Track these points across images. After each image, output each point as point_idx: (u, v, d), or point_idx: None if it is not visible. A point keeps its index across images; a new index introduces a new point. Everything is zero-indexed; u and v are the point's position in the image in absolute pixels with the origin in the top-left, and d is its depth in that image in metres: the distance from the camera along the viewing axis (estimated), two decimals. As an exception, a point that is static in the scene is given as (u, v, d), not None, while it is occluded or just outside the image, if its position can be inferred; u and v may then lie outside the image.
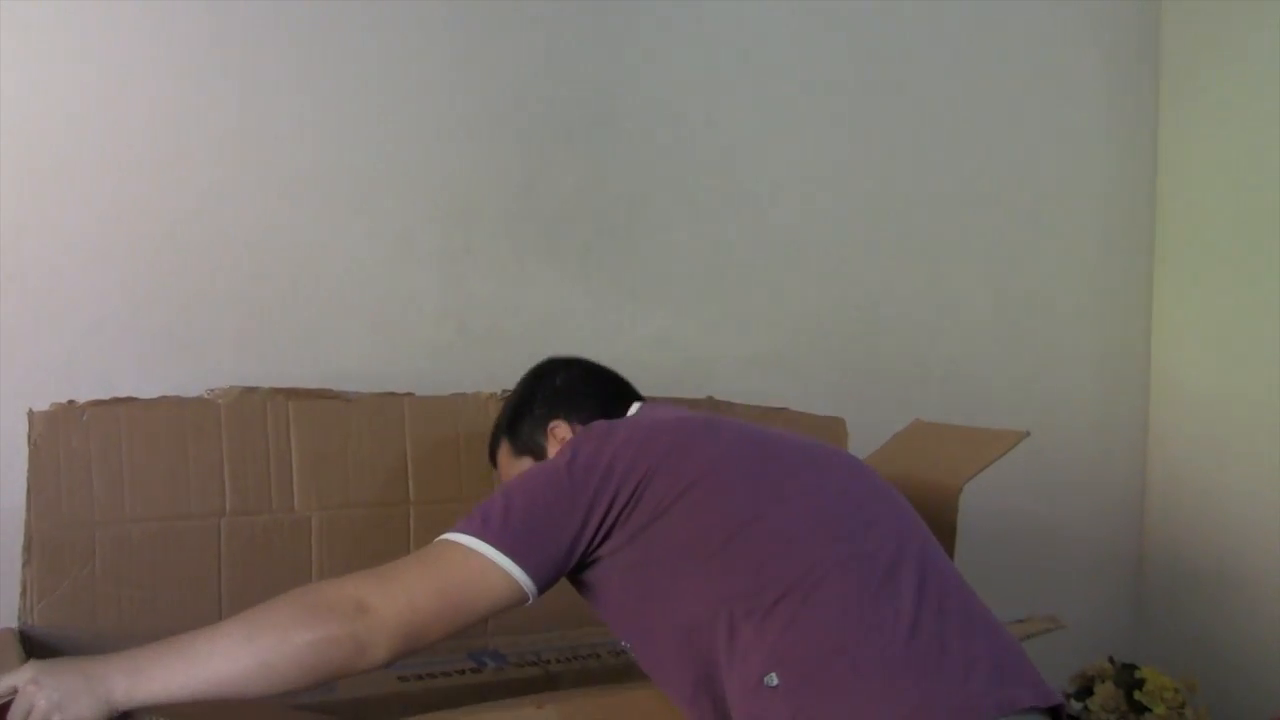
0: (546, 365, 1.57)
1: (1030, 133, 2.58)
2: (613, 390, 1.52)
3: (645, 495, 1.22)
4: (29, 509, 1.56)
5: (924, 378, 2.47)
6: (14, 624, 1.55)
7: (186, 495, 1.63)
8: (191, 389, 1.69)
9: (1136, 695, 2.33)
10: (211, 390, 1.70)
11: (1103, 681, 2.37)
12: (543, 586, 1.22)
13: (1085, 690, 2.40)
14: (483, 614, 1.19)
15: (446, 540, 1.21)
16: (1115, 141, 2.69)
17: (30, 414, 1.57)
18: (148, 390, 1.66)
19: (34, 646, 1.48)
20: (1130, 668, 2.39)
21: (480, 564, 1.18)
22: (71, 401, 1.60)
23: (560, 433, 1.47)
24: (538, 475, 1.27)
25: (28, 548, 1.55)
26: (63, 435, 1.57)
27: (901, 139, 2.42)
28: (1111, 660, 2.43)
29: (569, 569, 1.25)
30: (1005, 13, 2.52)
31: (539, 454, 1.47)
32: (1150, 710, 2.31)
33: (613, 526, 1.23)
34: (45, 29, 1.70)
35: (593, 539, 1.23)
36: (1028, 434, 1.88)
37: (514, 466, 1.50)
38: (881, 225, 2.41)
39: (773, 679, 1.10)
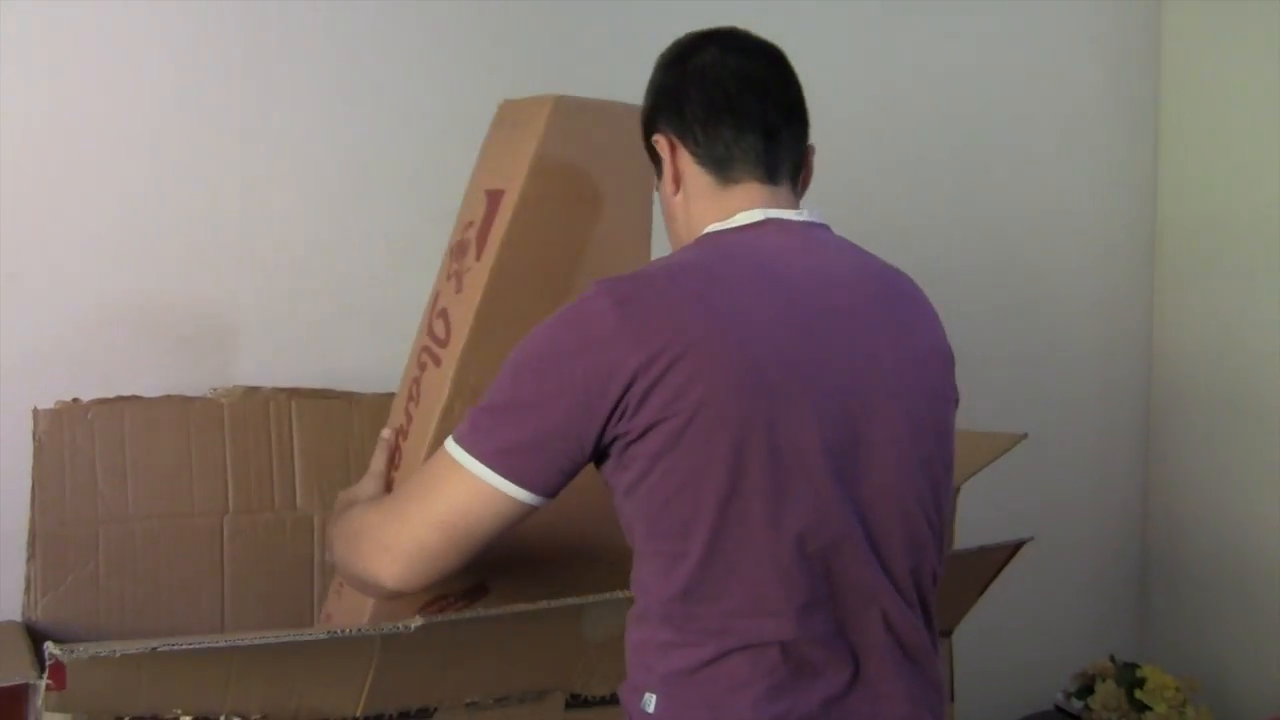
0: (673, 46, 1.28)
1: (1030, 132, 2.58)
2: (739, 144, 1.18)
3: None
4: (33, 505, 1.57)
5: (924, 378, 2.48)
6: (17, 618, 1.56)
7: (189, 493, 1.65)
8: (195, 388, 1.71)
9: (1137, 694, 2.33)
10: (215, 389, 1.72)
11: (1104, 680, 2.38)
12: (554, 494, 1.11)
13: (1086, 689, 2.40)
14: (494, 536, 1.11)
15: (447, 456, 1.11)
16: (1115, 142, 2.69)
17: (35, 412, 1.59)
18: (151, 389, 1.67)
19: (38, 640, 1.49)
20: (1131, 666, 2.39)
21: (478, 488, 1.08)
22: (76, 400, 1.61)
23: (661, 150, 1.20)
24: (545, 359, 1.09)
25: (32, 543, 1.56)
26: (67, 433, 1.59)
27: (901, 138, 2.42)
28: (1112, 659, 2.43)
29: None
30: (1005, 13, 2.53)
31: (656, 168, 1.23)
32: (1151, 709, 2.32)
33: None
34: (46, 29, 1.71)
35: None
36: (1025, 436, 1.88)
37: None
38: (880, 224, 2.41)
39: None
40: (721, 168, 1.18)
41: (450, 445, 1.11)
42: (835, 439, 1.08)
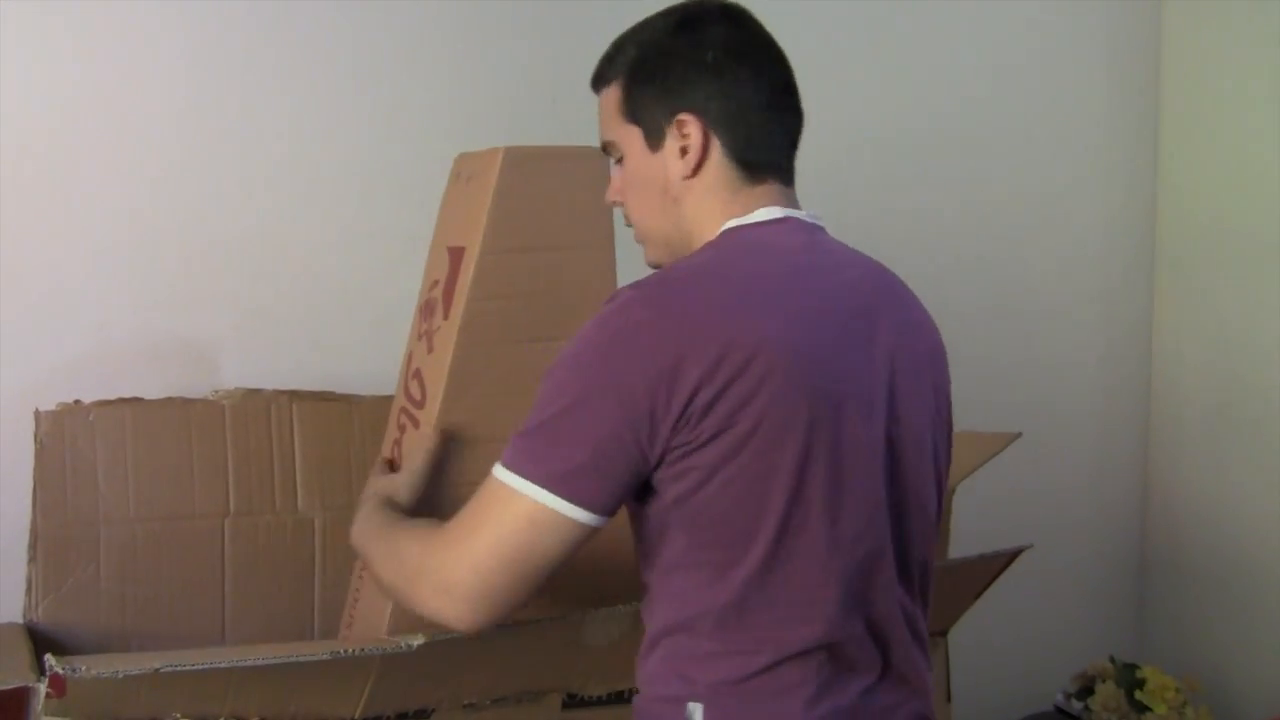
0: (701, 12, 1.16)
1: (1030, 133, 2.57)
2: (770, 145, 1.16)
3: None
4: (35, 507, 1.58)
5: (925, 378, 2.47)
6: (19, 620, 1.57)
7: (191, 495, 1.65)
8: (196, 390, 1.71)
9: (1137, 695, 2.33)
10: (216, 391, 1.72)
11: (1103, 681, 2.38)
12: (613, 512, 1.06)
13: (1086, 690, 2.40)
14: (559, 564, 1.05)
15: (499, 485, 1.05)
16: (1115, 142, 2.69)
17: (37, 414, 1.59)
18: (153, 391, 1.67)
19: (39, 642, 1.50)
20: (1131, 667, 2.39)
21: (538, 515, 1.03)
22: (77, 401, 1.62)
23: (688, 132, 1.12)
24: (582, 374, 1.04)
25: (33, 545, 1.57)
26: (69, 435, 1.60)
27: (901, 138, 2.42)
28: (1112, 660, 2.43)
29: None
30: (1005, 13, 2.52)
31: (652, 137, 1.14)
32: (1151, 710, 2.32)
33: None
34: (47, 30, 1.71)
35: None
36: (1019, 435, 1.89)
37: (615, 126, 1.17)
38: (879, 224, 2.41)
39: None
40: (753, 166, 1.15)
41: (501, 473, 1.05)
42: (879, 441, 1.09)
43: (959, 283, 2.51)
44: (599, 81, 1.20)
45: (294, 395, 1.74)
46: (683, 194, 1.14)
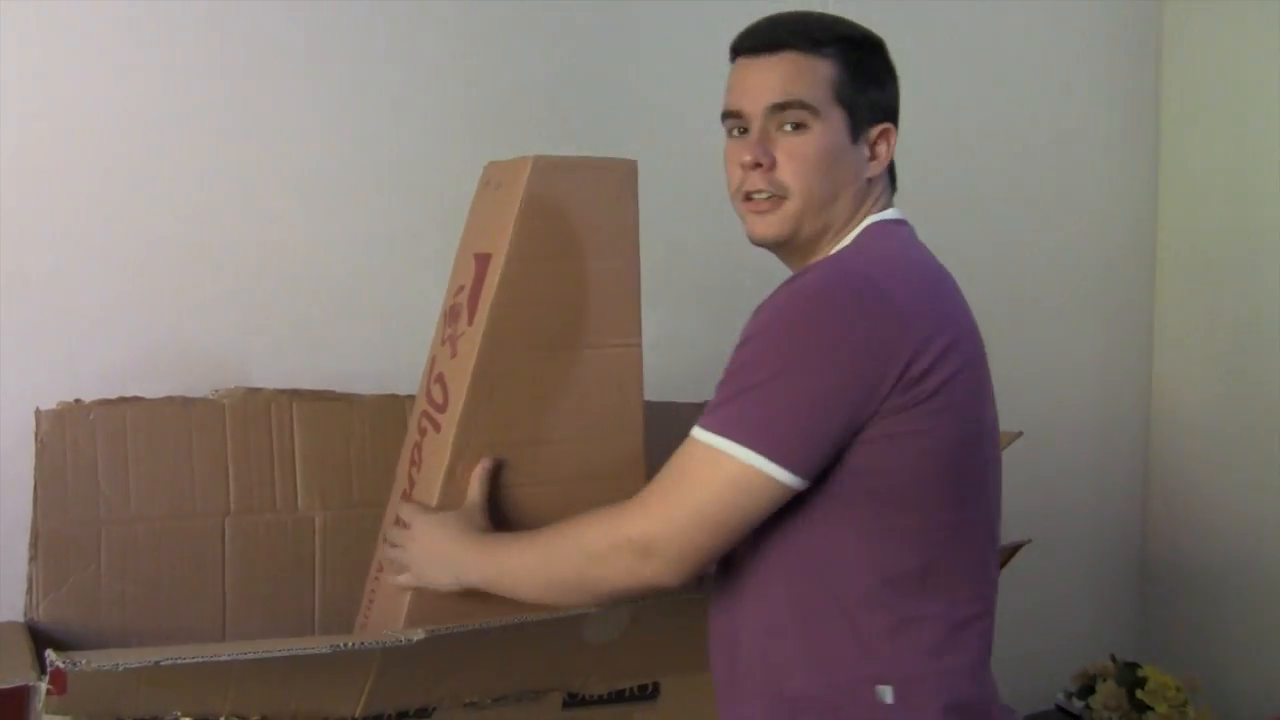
0: (888, 53, 1.32)
1: (1030, 133, 2.58)
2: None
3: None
4: (35, 506, 1.57)
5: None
6: (19, 619, 1.57)
7: (191, 494, 1.65)
8: (196, 389, 1.71)
9: (1138, 694, 2.34)
10: (216, 391, 1.72)
11: (1104, 680, 2.38)
12: (815, 475, 1.11)
13: (1087, 689, 2.41)
14: (761, 519, 1.11)
15: (705, 448, 1.09)
16: (1115, 142, 2.69)
17: (37, 413, 1.59)
18: (153, 390, 1.67)
19: (40, 641, 1.50)
20: (1132, 666, 2.39)
21: (746, 476, 1.07)
22: (78, 401, 1.62)
23: (884, 146, 1.26)
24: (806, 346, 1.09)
25: (34, 544, 1.57)
26: (69, 434, 1.59)
27: (901, 138, 2.41)
28: (1113, 659, 2.43)
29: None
30: (1005, 13, 2.53)
31: (856, 129, 1.23)
32: (1152, 709, 2.32)
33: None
34: (46, 29, 1.71)
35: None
36: (1020, 435, 1.88)
37: (819, 98, 1.21)
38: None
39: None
40: (895, 179, 1.31)
41: (706, 437, 1.09)
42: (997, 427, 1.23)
43: (960, 283, 2.51)
44: (798, 43, 1.22)
45: (294, 394, 1.74)
46: (862, 190, 1.24)
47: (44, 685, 1.20)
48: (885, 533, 1.11)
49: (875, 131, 1.24)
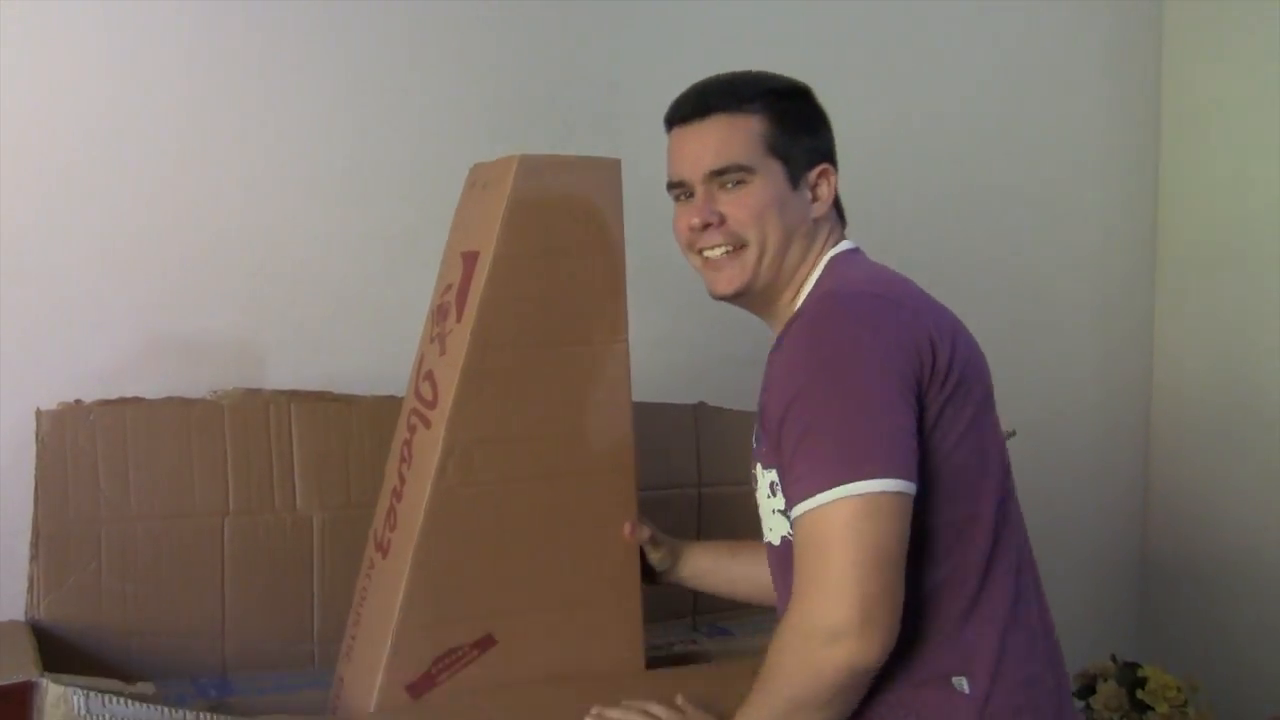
0: (805, 85, 1.35)
1: (1031, 133, 2.58)
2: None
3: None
4: (36, 506, 1.59)
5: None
6: (20, 617, 1.58)
7: (190, 494, 1.67)
8: (196, 390, 1.72)
9: (1139, 694, 2.33)
10: (215, 391, 1.73)
11: (1105, 680, 2.38)
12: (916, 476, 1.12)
13: (1088, 689, 2.40)
14: (906, 536, 1.09)
15: (823, 509, 1.08)
16: (1117, 141, 2.69)
17: (38, 413, 1.61)
18: (153, 391, 1.69)
19: (41, 639, 1.51)
20: (1132, 666, 2.39)
21: (873, 504, 1.07)
22: (78, 401, 1.63)
23: (825, 187, 1.31)
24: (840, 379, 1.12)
25: (35, 544, 1.58)
26: (70, 434, 1.61)
27: (902, 138, 2.42)
28: (1114, 659, 2.43)
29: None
30: (1006, 13, 2.53)
31: (794, 175, 1.28)
32: (1152, 709, 2.31)
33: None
34: (48, 31, 1.73)
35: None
36: (1013, 434, 1.88)
37: (752, 155, 1.27)
38: (880, 224, 2.41)
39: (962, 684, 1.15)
40: (841, 214, 1.37)
41: (814, 502, 1.08)
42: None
43: (959, 283, 2.50)
44: (725, 104, 1.28)
45: (293, 395, 1.76)
46: (811, 231, 1.30)
47: (46, 682, 1.22)
48: (947, 525, 1.15)
49: (814, 174, 1.30)
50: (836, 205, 1.34)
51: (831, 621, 1.06)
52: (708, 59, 2.26)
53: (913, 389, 1.12)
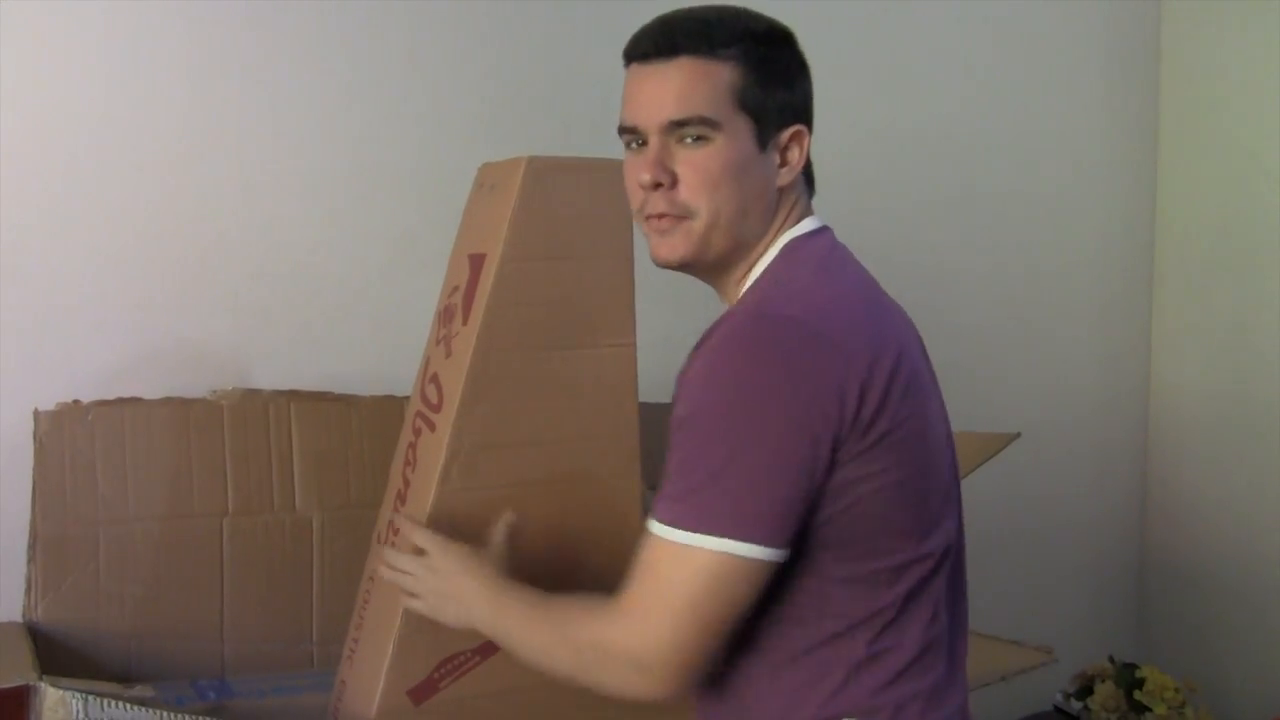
0: (789, 32, 1.18)
1: (1030, 133, 2.58)
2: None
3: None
4: (34, 506, 1.59)
5: (924, 378, 2.47)
6: (18, 619, 1.58)
7: (189, 495, 1.66)
8: (194, 390, 1.72)
9: (1137, 695, 2.34)
10: (214, 391, 1.73)
11: (1103, 681, 2.38)
12: (792, 543, 1.03)
13: (1085, 690, 2.41)
14: (751, 603, 1.02)
15: (675, 546, 1.01)
16: (1115, 141, 2.69)
17: (36, 413, 1.61)
18: (151, 391, 1.68)
19: (39, 641, 1.50)
20: (1130, 667, 2.39)
21: (724, 565, 0.99)
22: (76, 401, 1.63)
23: (796, 151, 1.15)
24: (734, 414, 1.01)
25: (33, 544, 1.58)
26: (68, 434, 1.61)
27: (902, 139, 2.42)
28: (1112, 660, 2.43)
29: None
30: (1006, 13, 2.52)
31: (763, 135, 1.12)
32: (1150, 710, 2.32)
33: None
34: (48, 31, 1.72)
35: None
36: (1018, 435, 1.88)
37: (720, 108, 1.09)
38: (880, 225, 2.41)
39: None
40: (812, 183, 1.20)
41: (671, 533, 1.01)
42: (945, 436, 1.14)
43: (959, 285, 2.52)
44: (695, 46, 1.10)
45: (292, 395, 1.75)
46: (774, 202, 1.14)
47: (44, 685, 1.21)
48: (848, 580, 1.05)
49: (785, 136, 1.13)
50: (807, 171, 1.17)
51: (641, 656, 1.03)
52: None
53: (825, 444, 1.00)
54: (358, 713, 1.38)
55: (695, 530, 0.99)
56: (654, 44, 1.11)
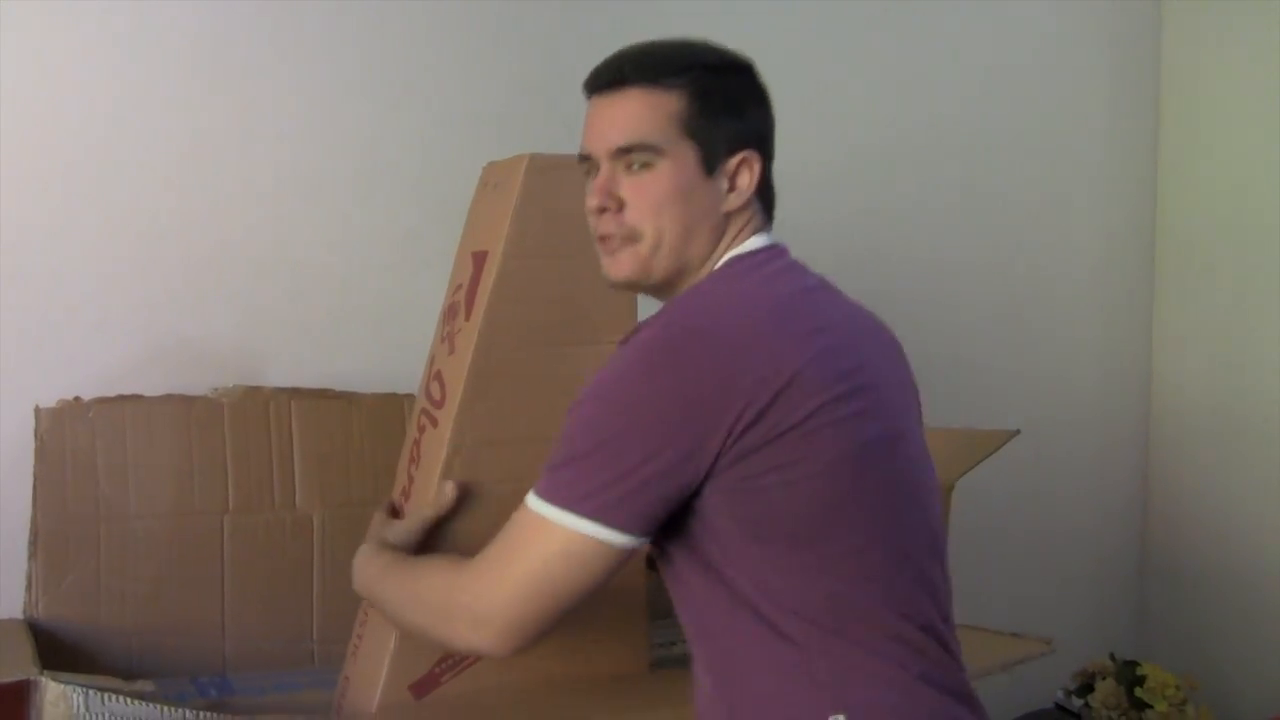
0: (745, 61, 1.23)
1: (1031, 133, 2.58)
2: (774, 197, 1.23)
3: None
4: (35, 504, 1.58)
5: (923, 378, 2.44)
6: (19, 616, 1.58)
7: (190, 492, 1.66)
8: (196, 388, 1.72)
9: (1138, 692, 2.34)
10: (215, 389, 1.73)
11: (1104, 679, 2.38)
12: (654, 532, 1.08)
13: (1086, 687, 2.41)
14: (596, 588, 1.08)
15: (534, 516, 1.07)
16: (1115, 141, 2.69)
17: (37, 410, 1.61)
18: (152, 389, 1.68)
19: (39, 638, 1.50)
20: (1131, 665, 2.39)
21: (573, 542, 1.05)
22: (77, 399, 1.63)
23: (746, 176, 1.17)
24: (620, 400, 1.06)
25: (33, 542, 1.58)
26: (69, 432, 1.61)
27: (903, 137, 2.42)
28: (1113, 657, 2.43)
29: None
30: (1006, 13, 2.53)
31: (709, 161, 1.15)
32: (1151, 707, 2.32)
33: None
34: (48, 31, 1.72)
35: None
36: (1018, 432, 1.88)
37: (664, 136, 1.15)
38: (881, 225, 2.42)
39: None
40: (770, 208, 1.22)
41: (535, 504, 1.07)
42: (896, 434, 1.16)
43: (960, 284, 2.52)
44: (641, 77, 1.17)
45: (293, 393, 1.75)
46: (720, 224, 1.17)
47: (45, 680, 1.21)
48: (785, 571, 1.07)
49: (734, 162, 1.16)
50: (765, 194, 1.20)
51: (486, 612, 1.08)
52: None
53: (692, 448, 1.03)
54: (360, 707, 1.39)
55: (554, 504, 1.05)
56: (606, 76, 1.19)
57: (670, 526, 1.09)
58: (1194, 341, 2.65)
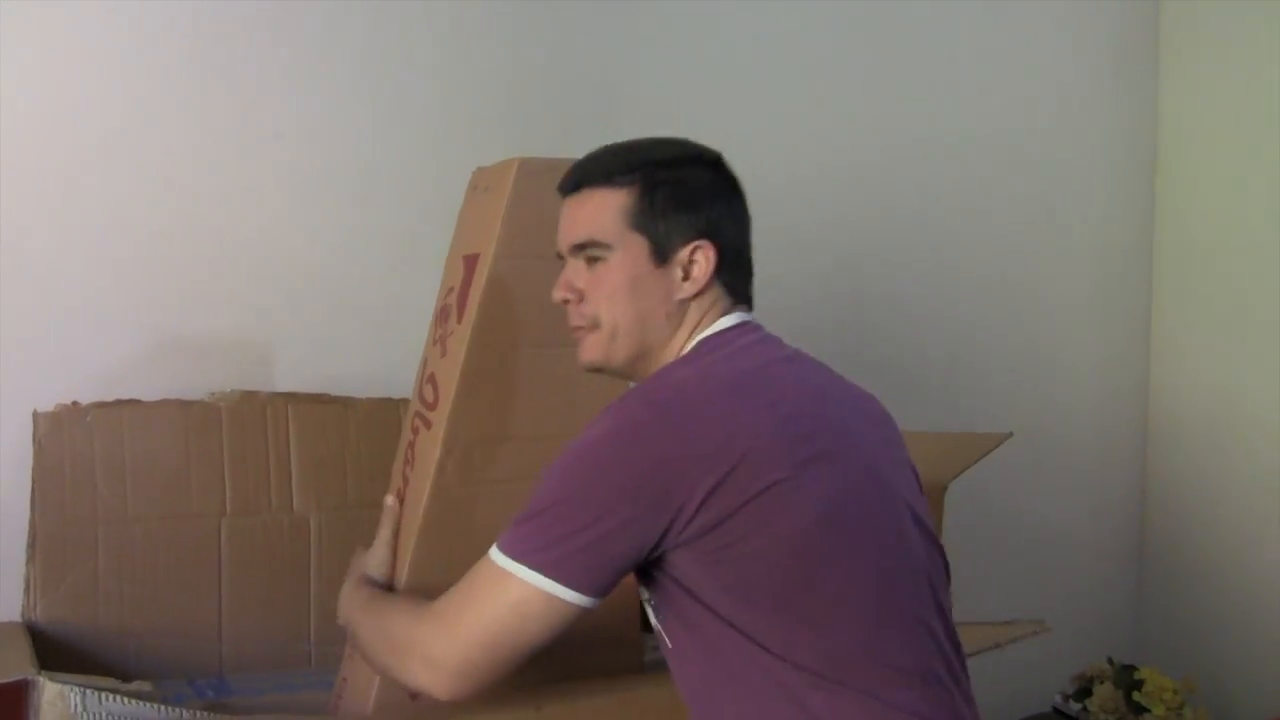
0: (701, 151, 1.28)
1: (1031, 133, 2.58)
2: (749, 276, 1.28)
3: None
4: (33, 507, 1.59)
5: (923, 378, 2.48)
6: (17, 618, 1.58)
7: (187, 495, 1.67)
8: (193, 392, 1.73)
9: (1135, 696, 2.34)
10: (213, 393, 1.74)
11: (1102, 682, 2.38)
12: (606, 593, 1.13)
13: (1084, 691, 2.41)
14: (546, 641, 1.13)
15: (493, 567, 1.12)
16: (1114, 144, 2.70)
17: (35, 414, 1.61)
18: (150, 393, 1.69)
19: (38, 641, 1.51)
20: (1129, 668, 2.39)
21: (528, 595, 1.10)
22: (75, 403, 1.63)
23: (701, 265, 1.22)
24: (589, 465, 1.12)
25: (32, 545, 1.58)
26: (67, 435, 1.61)
27: (902, 138, 2.43)
28: (1110, 661, 2.43)
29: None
30: (1005, 12, 2.53)
31: (660, 251, 1.21)
32: (1149, 711, 2.32)
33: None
34: (47, 30, 1.73)
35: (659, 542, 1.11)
36: (1010, 435, 1.89)
37: (613, 230, 1.22)
38: (881, 225, 2.43)
39: None
40: (739, 293, 1.26)
41: (495, 556, 1.12)
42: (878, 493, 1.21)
43: (960, 285, 2.52)
44: (592, 181, 1.24)
45: (290, 397, 1.76)
46: (677, 310, 1.23)
47: (43, 680, 1.22)
48: (775, 629, 1.10)
49: (686, 251, 1.21)
50: (732, 276, 1.24)
51: (440, 656, 1.13)
52: (706, 62, 2.29)
53: (651, 518, 1.08)
54: (356, 707, 1.39)
55: (511, 558, 1.10)
56: (569, 180, 1.27)
57: (661, 596, 1.15)
58: (1192, 347, 2.65)
